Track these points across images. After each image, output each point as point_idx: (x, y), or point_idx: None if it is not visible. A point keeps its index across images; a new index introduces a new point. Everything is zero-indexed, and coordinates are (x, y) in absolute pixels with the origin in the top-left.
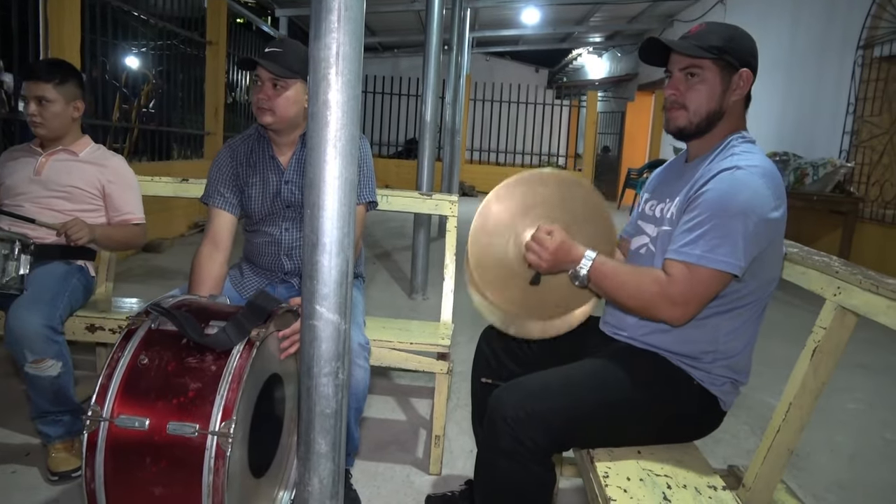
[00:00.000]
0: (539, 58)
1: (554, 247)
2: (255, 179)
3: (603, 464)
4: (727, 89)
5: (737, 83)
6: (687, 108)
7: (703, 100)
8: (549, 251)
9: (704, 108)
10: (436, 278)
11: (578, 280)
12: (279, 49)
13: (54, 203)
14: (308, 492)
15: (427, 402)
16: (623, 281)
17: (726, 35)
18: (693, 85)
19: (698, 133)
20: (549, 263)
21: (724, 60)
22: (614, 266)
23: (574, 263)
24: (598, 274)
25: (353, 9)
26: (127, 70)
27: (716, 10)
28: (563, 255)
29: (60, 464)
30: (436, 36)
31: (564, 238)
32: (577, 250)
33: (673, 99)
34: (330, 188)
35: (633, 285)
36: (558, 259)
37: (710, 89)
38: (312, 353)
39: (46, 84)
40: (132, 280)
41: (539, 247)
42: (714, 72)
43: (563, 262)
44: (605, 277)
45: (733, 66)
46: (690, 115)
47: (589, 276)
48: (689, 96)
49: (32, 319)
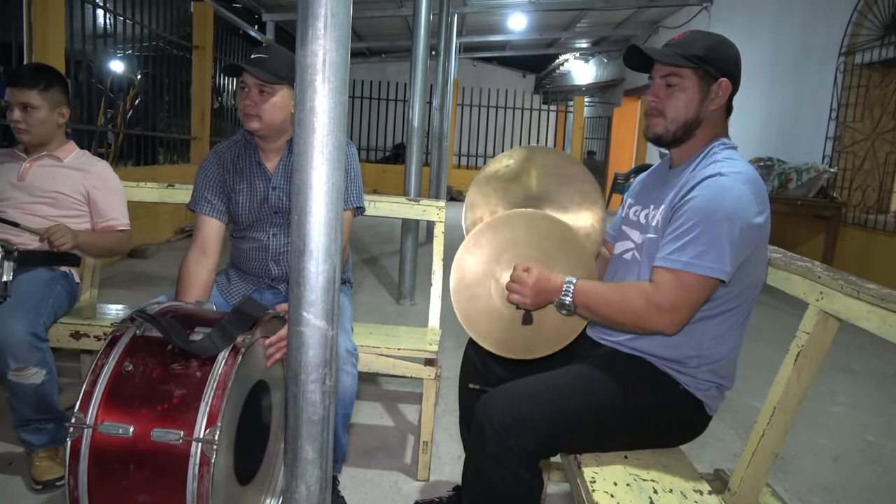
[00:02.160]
0: (526, 63)
1: (533, 281)
2: (242, 186)
3: (590, 469)
4: (705, 98)
5: (715, 92)
6: (665, 116)
7: (680, 108)
8: (530, 286)
9: (682, 116)
10: (423, 283)
11: (565, 308)
12: (265, 55)
13: (38, 209)
14: (295, 499)
15: (415, 408)
16: (608, 299)
17: (708, 44)
18: (672, 93)
19: (676, 141)
20: (532, 298)
21: (704, 70)
22: (596, 286)
23: (557, 293)
24: (583, 297)
25: (340, 15)
26: (112, 74)
27: (700, 16)
28: (544, 287)
29: (45, 472)
30: (423, 41)
31: (541, 271)
32: (556, 280)
33: (653, 105)
34: (317, 194)
35: (619, 300)
36: (540, 292)
37: (689, 98)
38: (299, 359)
39: (31, 90)
40: (117, 286)
41: (519, 285)
42: (693, 81)
43: (545, 294)
44: (590, 299)
45: (713, 76)
46: (668, 122)
47: (574, 302)
48: (667, 104)
49: (16, 327)
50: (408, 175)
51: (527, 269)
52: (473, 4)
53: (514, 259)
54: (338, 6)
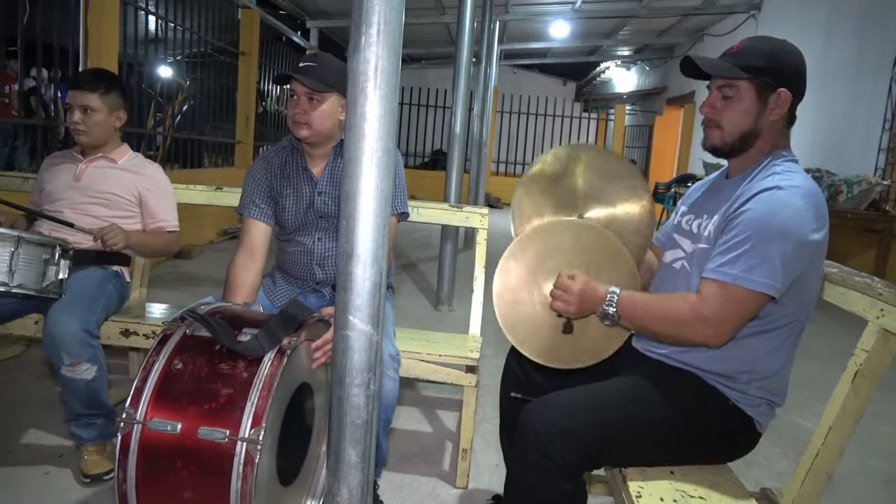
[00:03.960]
0: (567, 70)
1: (578, 289)
2: (288, 191)
3: (635, 483)
4: (763, 109)
5: (774, 102)
6: (721, 128)
7: (737, 120)
8: (575, 293)
9: (738, 128)
10: (461, 290)
11: (609, 318)
12: (313, 63)
13: (92, 209)
14: (337, 501)
15: (452, 415)
16: (653, 309)
17: (768, 53)
18: (728, 104)
19: (733, 152)
20: (576, 307)
21: (762, 80)
22: (641, 297)
23: (601, 302)
24: (627, 307)
25: (392, 23)
26: (161, 79)
27: (747, 24)
28: (590, 296)
29: (93, 466)
30: (466, 48)
31: (587, 280)
32: (601, 289)
33: (709, 117)
34: (365, 200)
35: (664, 312)
36: (585, 301)
37: (745, 109)
38: (344, 363)
39: (91, 94)
40: (162, 286)
41: (563, 292)
42: (750, 92)
43: (589, 303)
44: (635, 309)
45: (771, 86)
46: (725, 134)
47: (618, 312)
48: (723, 115)
49: (70, 323)
50: (448, 181)
51: (572, 276)
52: (516, 12)
53: (558, 267)
54: (390, 14)
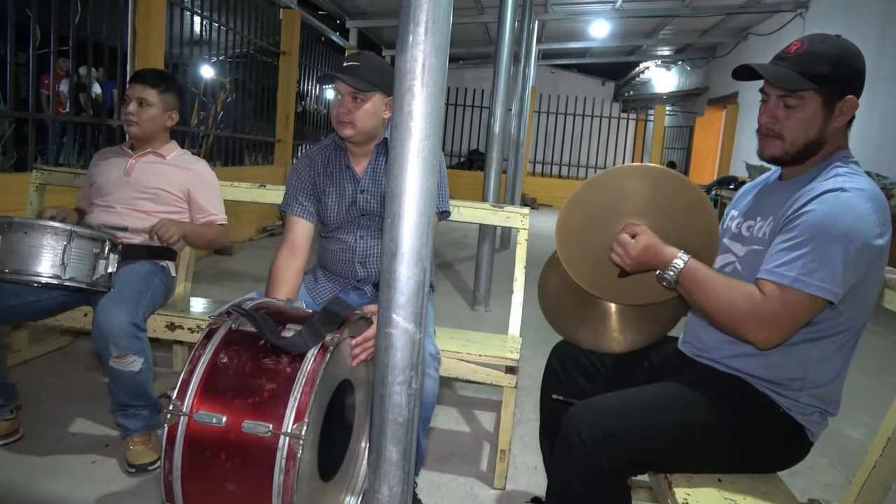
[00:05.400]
0: (605, 70)
1: (637, 252)
2: (331, 188)
3: (682, 490)
4: (829, 118)
5: (840, 110)
6: (783, 139)
7: (801, 131)
8: (632, 257)
9: (803, 139)
10: (498, 290)
11: (666, 282)
12: (357, 62)
13: (141, 204)
14: (378, 499)
15: (489, 415)
16: (714, 292)
17: (833, 58)
18: (791, 114)
19: (794, 162)
20: (632, 267)
21: (828, 89)
22: (707, 274)
23: (664, 266)
24: (688, 279)
25: (440, 21)
26: (204, 79)
27: (794, 23)
28: (650, 259)
29: (138, 456)
30: (507, 48)
31: (650, 242)
32: (666, 253)
33: (769, 126)
34: (410, 198)
35: (724, 298)
36: (643, 262)
37: (810, 119)
38: (387, 361)
39: (152, 89)
40: (203, 281)
41: (622, 250)
42: (816, 102)
43: (650, 265)
44: (695, 283)
45: (837, 94)
46: (787, 145)
47: (677, 280)
48: (786, 126)
49: (119, 316)
50: (487, 181)
51: (634, 234)
52: (555, 11)
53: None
54: (438, 12)
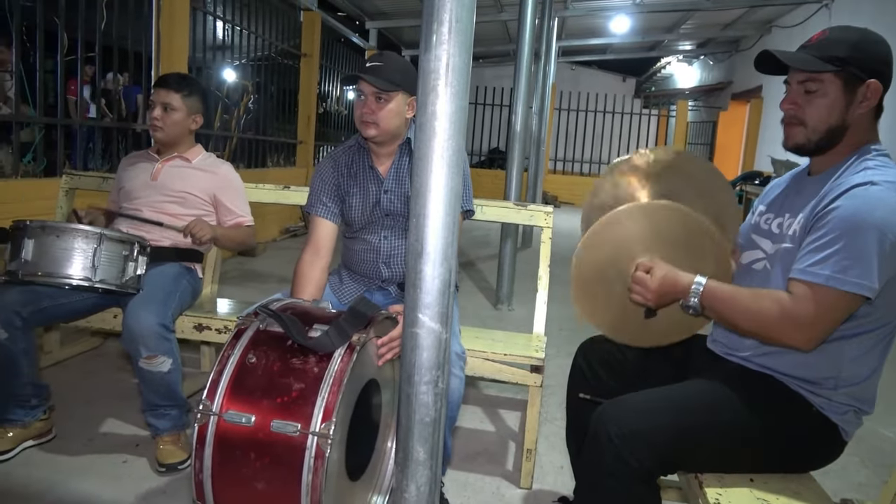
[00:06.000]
0: (626, 66)
1: (655, 285)
2: (355, 189)
3: (713, 490)
4: (851, 102)
5: (863, 95)
6: (805, 125)
7: (822, 115)
8: (652, 290)
9: (824, 124)
10: (521, 289)
11: (691, 309)
12: (380, 63)
13: (168, 207)
14: (405, 498)
15: (514, 414)
16: (741, 305)
17: (852, 42)
18: (812, 99)
19: (818, 150)
20: (655, 301)
21: (848, 72)
22: (728, 290)
23: (684, 293)
24: (712, 299)
25: (464, 20)
26: (226, 82)
27: (819, 14)
28: (670, 289)
29: (168, 456)
30: (527, 46)
31: (665, 272)
32: (684, 280)
33: (791, 114)
34: (435, 198)
35: (753, 309)
36: (664, 294)
37: (831, 104)
38: (413, 360)
39: (175, 93)
40: (228, 282)
41: (641, 287)
42: (836, 85)
43: (670, 295)
44: (721, 302)
45: (859, 78)
46: (809, 131)
47: (701, 304)
48: (807, 111)
49: (148, 318)
50: (508, 180)
51: (648, 269)
52: (576, 8)
53: (637, 254)
54: (462, 11)
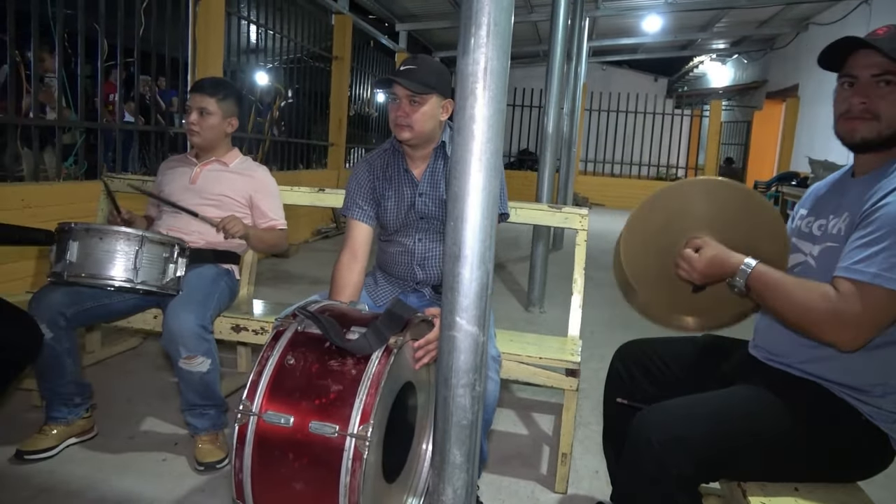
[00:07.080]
0: (658, 66)
1: (702, 265)
2: (390, 192)
3: (757, 499)
4: None
5: None
6: (879, 119)
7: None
8: (698, 270)
9: None
10: (552, 291)
11: (737, 288)
12: (414, 66)
13: (206, 210)
14: (442, 501)
15: (548, 418)
16: (788, 295)
17: None
18: (890, 92)
19: (884, 146)
20: (700, 280)
21: None
22: (778, 277)
23: (732, 273)
24: (758, 283)
25: (502, 23)
26: (260, 86)
27: (859, 11)
28: (717, 269)
29: (206, 455)
30: (560, 47)
31: (716, 252)
32: (733, 261)
33: (863, 107)
34: (473, 201)
35: (800, 301)
36: (711, 275)
37: None
38: (451, 363)
39: (210, 98)
40: (262, 283)
41: (687, 265)
42: None
43: (717, 276)
44: (767, 287)
45: None
46: (882, 126)
47: (748, 286)
48: (883, 105)
49: (188, 319)
50: (540, 181)
51: (698, 248)
52: (607, 8)
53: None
54: (499, 14)
